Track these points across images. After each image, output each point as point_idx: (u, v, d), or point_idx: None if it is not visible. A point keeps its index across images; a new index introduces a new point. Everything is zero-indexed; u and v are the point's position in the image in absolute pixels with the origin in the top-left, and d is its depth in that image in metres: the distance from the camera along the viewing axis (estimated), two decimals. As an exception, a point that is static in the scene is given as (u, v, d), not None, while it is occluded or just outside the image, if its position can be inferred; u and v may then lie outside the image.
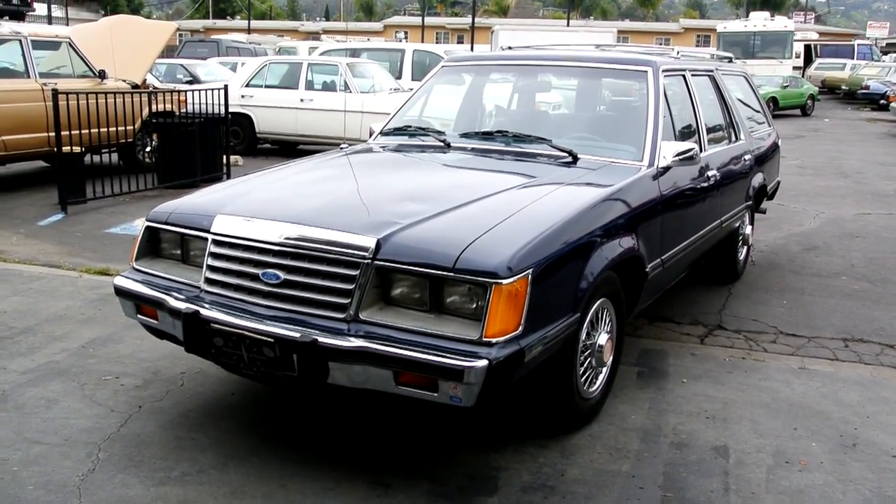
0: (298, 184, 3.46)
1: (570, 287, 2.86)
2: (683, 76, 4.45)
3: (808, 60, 34.80)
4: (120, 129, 7.89)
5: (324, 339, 2.59)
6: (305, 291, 2.72)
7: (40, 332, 4.16)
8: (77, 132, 7.19)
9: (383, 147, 4.18)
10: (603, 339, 3.20)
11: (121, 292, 3.19)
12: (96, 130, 7.42)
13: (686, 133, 4.27)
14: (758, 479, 2.92)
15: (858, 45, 35.51)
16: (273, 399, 3.47)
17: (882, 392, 3.76)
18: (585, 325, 3.05)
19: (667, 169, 3.75)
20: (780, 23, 27.40)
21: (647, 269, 3.50)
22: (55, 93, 6.92)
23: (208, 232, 2.99)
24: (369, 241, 2.67)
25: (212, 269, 2.95)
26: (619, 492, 2.79)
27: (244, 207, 3.05)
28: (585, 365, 3.15)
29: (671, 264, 3.87)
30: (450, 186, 3.32)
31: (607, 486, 2.83)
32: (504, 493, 2.75)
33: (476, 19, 41.24)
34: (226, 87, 9.03)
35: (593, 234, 3.01)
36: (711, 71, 5.03)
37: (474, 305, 2.57)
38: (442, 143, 3.99)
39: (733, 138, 5.09)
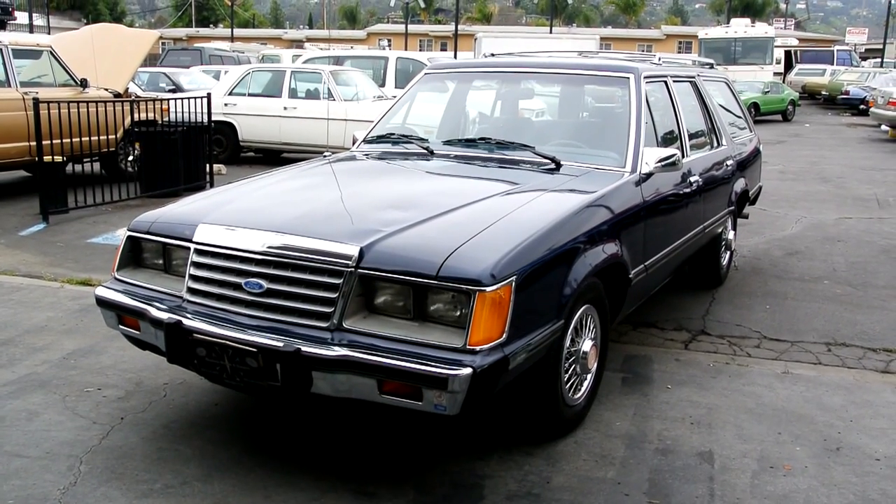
0: (281, 192, 3.45)
1: (553, 294, 2.86)
2: (665, 82, 4.47)
3: (789, 66, 35.14)
4: (102, 138, 7.84)
5: (307, 349, 2.57)
6: (288, 300, 2.70)
7: (21, 344, 4.11)
8: (58, 141, 7.13)
9: (366, 155, 4.18)
10: (587, 345, 3.21)
11: (102, 303, 3.16)
12: (78, 140, 7.36)
13: (668, 139, 4.30)
14: (743, 485, 2.92)
15: (838, 50, 35.92)
16: (257, 409, 3.44)
17: (865, 396, 3.79)
18: (570, 331, 3.06)
19: (649, 175, 3.76)
20: (761, 29, 27.69)
21: (630, 276, 3.50)
22: (36, 102, 6.86)
23: (190, 241, 2.97)
24: (352, 250, 2.66)
25: (194, 278, 2.93)
26: (605, 499, 2.79)
27: (226, 216, 3.04)
28: (570, 372, 3.15)
29: (655, 270, 3.88)
30: (433, 194, 3.32)
31: (593, 493, 2.83)
32: (490, 501, 2.74)
33: (459, 26, 41.37)
34: (208, 96, 8.99)
35: (577, 240, 3.02)
36: (693, 77, 5.07)
37: (458, 313, 2.56)
38: (425, 151, 3.99)
39: (715, 144, 5.12)
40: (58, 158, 7.17)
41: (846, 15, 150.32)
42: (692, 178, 4.37)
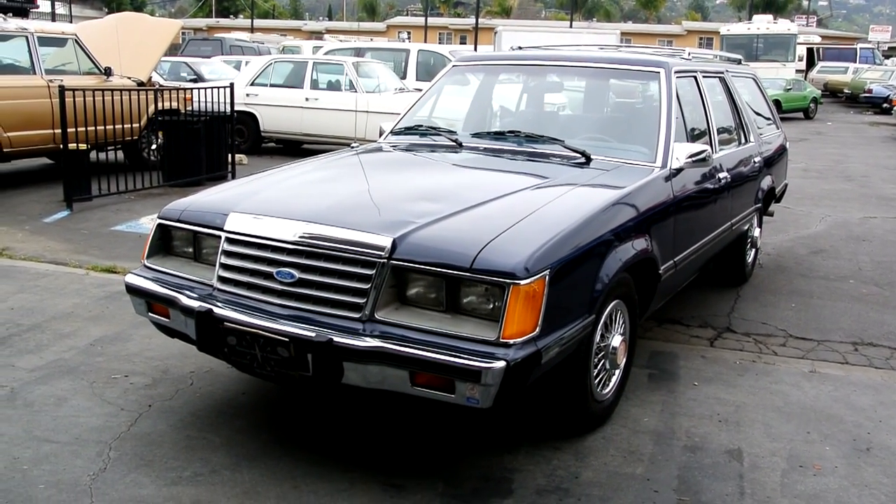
0: (311, 182, 3.44)
1: (585, 288, 2.84)
2: (695, 77, 4.43)
3: (811, 64, 34.78)
4: (126, 126, 7.88)
5: (339, 339, 2.57)
6: (320, 291, 2.70)
7: (48, 330, 4.14)
8: (83, 129, 7.17)
9: (394, 146, 4.16)
10: (617, 341, 3.19)
11: (132, 290, 3.17)
12: (102, 128, 7.40)
13: (697, 134, 4.25)
14: (773, 483, 2.90)
15: (861, 48, 35.52)
16: (284, 399, 3.45)
17: (894, 396, 3.75)
18: (600, 326, 3.04)
19: (679, 170, 3.73)
20: (784, 26, 27.39)
21: (660, 271, 3.48)
22: (62, 89, 6.89)
23: (221, 230, 2.97)
24: (385, 241, 2.65)
25: (225, 267, 2.93)
26: (634, 495, 2.78)
27: (258, 205, 3.03)
28: (599, 367, 3.13)
29: (683, 266, 3.85)
30: (463, 186, 3.30)
31: (622, 489, 2.81)
32: (519, 496, 2.73)
33: (479, 20, 41.25)
34: (231, 86, 9.01)
35: (608, 235, 3.00)
36: (722, 73, 5.01)
37: (491, 306, 2.55)
38: (454, 143, 3.97)
39: (743, 140, 5.07)
40: (83, 146, 7.20)
41: (868, 12, 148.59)
42: (720, 175, 4.32)
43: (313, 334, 2.60)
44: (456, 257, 2.56)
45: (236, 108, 9.47)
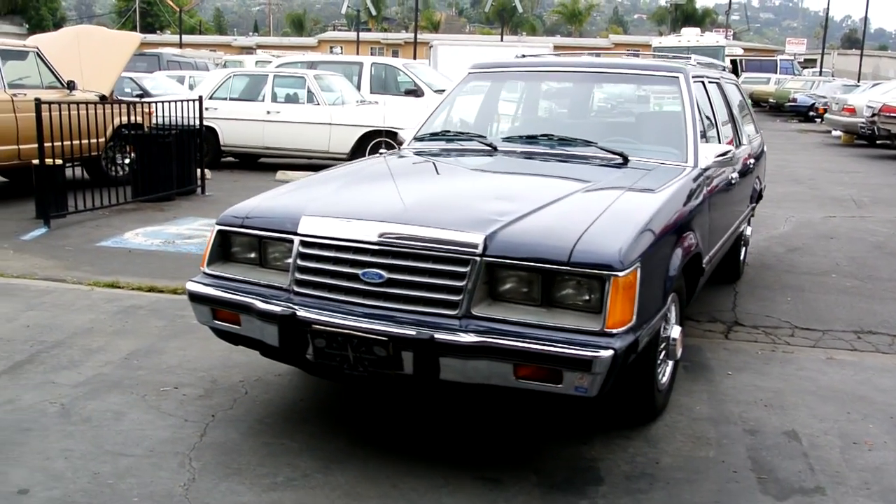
0: (369, 186, 3.46)
1: (661, 280, 2.96)
2: (703, 82, 4.63)
3: (735, 74, 36.19)
4: (92, 141, 7.69)
5: (441, 336, 2.60)
6: (413, 290, 2.72)
7: (75, 346, 4.02)
8: (55, 144, 6.96)
9: (423, 153, 4.20)
10: (676, 332, 3.31)
11: (196, 298, 3.12)
12: (69, 143, 7.18)
13: (710, 136, 4.45)
14: (835, 460, 3.06)
15: (781, 60, 37.26)
16: (345, 403, 3.44)
17: (912, 377, 3.99)
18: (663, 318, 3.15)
19: (706, 170, 3.90)
20: (712, 38, 28.59)
21: (704, 265, 3.63)
22: (38, 103, 6.68)
23: (295, 234, 2.96)
24: (477, 238, 2.70)
25: (302, 269, 2.91)
26: (716, 476, 2.89)
27: (328, 208, 3.04)
28: (661, 357, 3.25)
29: (713, 262, 4.02)
30: (523, 187, 3.39)
31: (702, 471, 2.92)
32: (610, 482, 2.81)
33: (409, 34, 41.53)
34: (200, 99, 8.88)
35: (673, 230, 3.13)
36: (718, 79, 5.25)
37: (587, 297, 2.63)
38: (488, 147, 4.05)
39: (738, 142, 5.31)
40: (58, 161, 6.98)
41: (777, 26, 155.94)
42: (733, 175, 4.53)
43: (414, 332, 2.62)
44: (552, 252, 2.63)
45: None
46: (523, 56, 5.14)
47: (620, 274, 2.58)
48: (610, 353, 2.49)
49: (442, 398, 3.37)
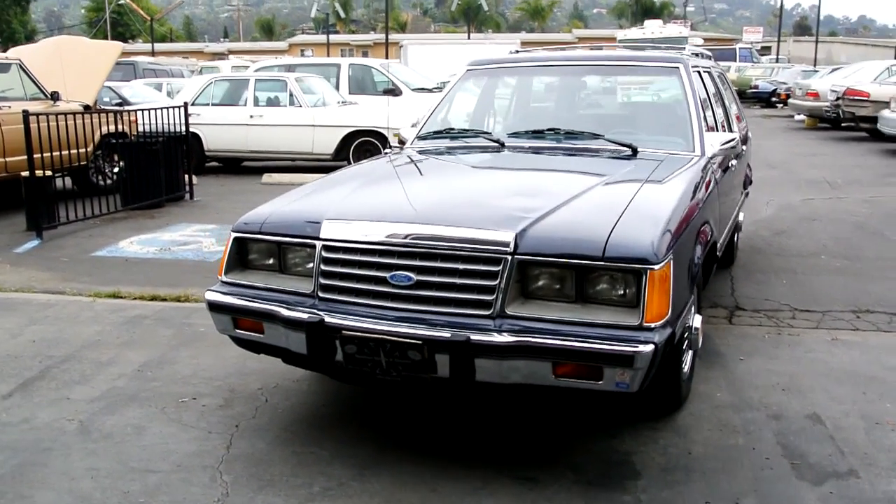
0: (386, 187, 3.42)
1: (688, 271, 2.96)
2: (699, 72, 4.66)
3: (698, 63, 36.56)
4: (78, 151, 7.55)
5: (477, 337, 2.57)
6: (444, 291, 2.69)
7: (85, 360, 3.92)
8: (45, 155, 6.85)
9: (428, 151, 4.16)
10: (697, 321, 3.32)
11: (216, 307, 3.05)
12: (58, 153, 7.05)
13: (711, 125, 4.47)
14: (862, 441, 3.10)
15: (740, 48, 37.72)
16: (366, 406, 3.40)
17: (917, 355, 4.06)
18: (687, 308, 3.16)
19: (712, 158, 3.93)
20: (675, 29, 28.93)
21: (717, 254, 3.65)
22: (26, 115, 6.54)
23: (317, 238, 2.91)
24: (508, 236, 2.67)
25: (326, 275, 2.86)
26: (749, 463, 2.91)
27: (349, 211, 2.99)
28: (685, 347, 3.26)
29: (722, 248, 4.05)
30: (540, 183, 3.37)
31: (735, 459, 2.94)
32: (648, 476, 2.82)
33: (378, 35, 41.37)
34: (185, 105, 8.77)
35: (695, 221, 3.14)
36: (709, 69, 5.29)
37: (622, 292, 2.62)
38: (496, 143, 4.02)
39: (730, 129, 5.35)
40: (48, 173, 6.85)
41: (731, 16, 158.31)
42: (732, 162, 4.57)
43: (449, 335, 2.59)
44: (586, 247, 2.62)
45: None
46: (517, 52, 5.13)
47: (656, 267, 2.57)
48: (651, 347, 2.48)
49: (464, 399, 3.34)
